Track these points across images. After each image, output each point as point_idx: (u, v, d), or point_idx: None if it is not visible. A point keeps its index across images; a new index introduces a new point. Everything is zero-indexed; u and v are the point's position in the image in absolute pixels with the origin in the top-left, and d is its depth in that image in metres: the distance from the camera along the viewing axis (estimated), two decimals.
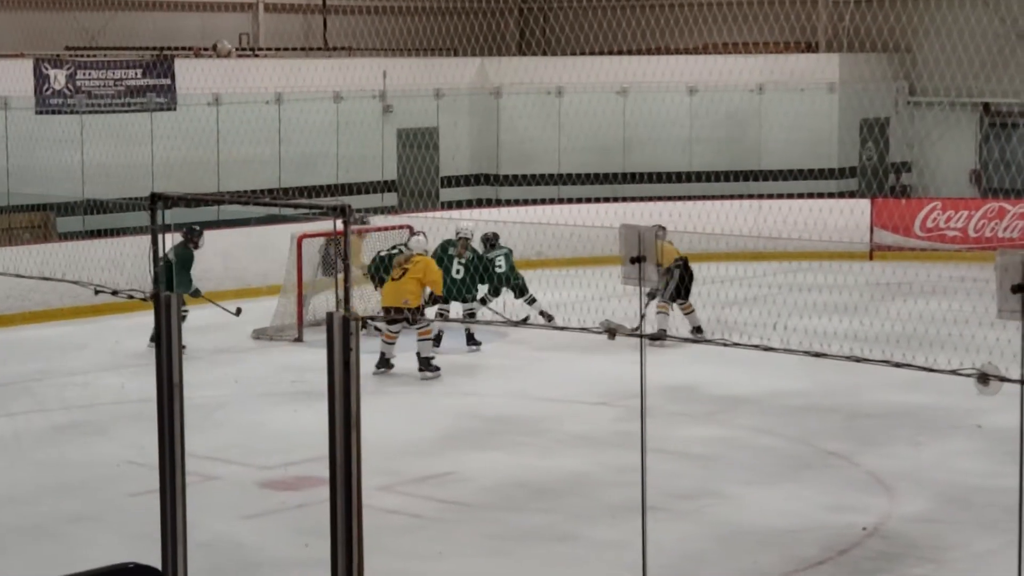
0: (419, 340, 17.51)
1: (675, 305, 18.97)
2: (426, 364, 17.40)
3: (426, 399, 16.37)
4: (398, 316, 16.91)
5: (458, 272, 19.02)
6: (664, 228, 19.53)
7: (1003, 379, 6.91)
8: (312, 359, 17.64)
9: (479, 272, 19.25)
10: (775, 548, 11.15)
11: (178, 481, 7.93)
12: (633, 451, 9.31)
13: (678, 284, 18.93)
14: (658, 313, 18.96)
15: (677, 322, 18.73)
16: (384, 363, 17.52)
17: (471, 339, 19.07)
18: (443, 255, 19.06)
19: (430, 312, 18.75)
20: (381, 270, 19.15)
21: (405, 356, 18.29)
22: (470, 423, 15.19)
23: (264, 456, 13.87)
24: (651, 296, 18.49)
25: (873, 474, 13.14)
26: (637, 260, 7.50)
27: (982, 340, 13.87)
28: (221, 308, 18.20)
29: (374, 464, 8.89)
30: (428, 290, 17.99)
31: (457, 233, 19.19)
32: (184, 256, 18.62)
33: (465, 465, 13.56)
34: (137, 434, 14.08)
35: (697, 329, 18.94)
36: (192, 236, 18.85)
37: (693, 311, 19.09)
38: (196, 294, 18.36)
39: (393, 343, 17.56)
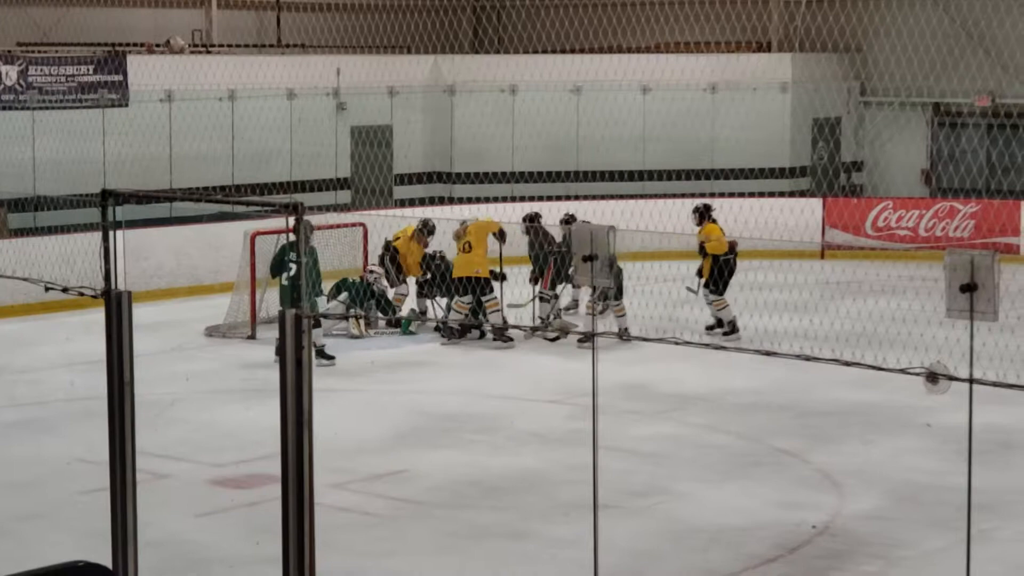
0: (491, 312, 18.72)
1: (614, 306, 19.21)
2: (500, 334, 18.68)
3: (378, 397, 16.36)
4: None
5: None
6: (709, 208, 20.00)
7: (952, 378, 6.97)
8: (265, 356, 17.67)
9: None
10: (726, 545, 11.20)
11: (129, 479, 7.91)
12: (586, 449, 9.35)
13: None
14: (720, 309, 19.17)
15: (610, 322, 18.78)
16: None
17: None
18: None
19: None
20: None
21: (358, 354, 18.30)
22: (423, 421, 15.19)
23: (216, 454, 13.83)
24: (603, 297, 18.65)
25: (823, 472, 13.22)
26: (589, 259, 7.54)
27: (931, 339, 13.97)
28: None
29: (326, 462, 8.89)
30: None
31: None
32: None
33: (418, 463, 13.56)
34: (87, 431, 14.04)
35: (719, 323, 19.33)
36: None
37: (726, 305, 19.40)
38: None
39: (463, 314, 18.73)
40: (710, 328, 19.26)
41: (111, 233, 8.06)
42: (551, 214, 20.90)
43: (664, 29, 29.60)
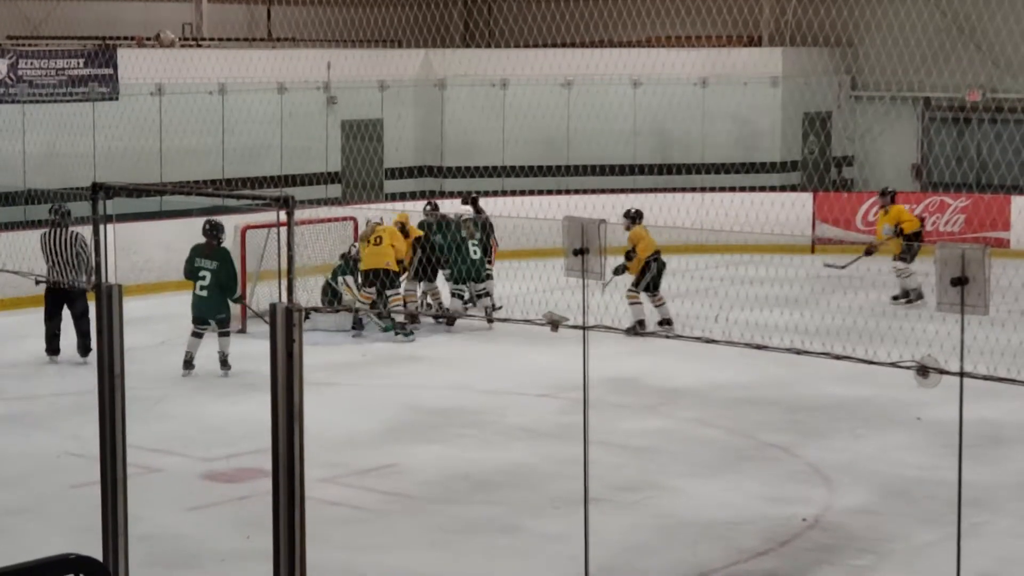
0: (393, 307, 19.08)
1: (645, 296, 19.21)
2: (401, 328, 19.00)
3: (369, 391, 16.35)
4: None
5: (475, 253, 19.80)
6: (641, 214, 19.92)
7: (942, 372, 6.98)
8: (255, 350, 17.61)
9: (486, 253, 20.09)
10: (717, 539, 11.21)
11: (119, 473, 7.90)
12: (576, 443, 9.34)
13: (654, 276, 19.16)
14: (632, 304, 19.13)
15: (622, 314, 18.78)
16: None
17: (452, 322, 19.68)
18: (458, 239, 19.74)
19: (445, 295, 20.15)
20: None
21: (349, 348, 18.30)
22: (413, 415, 15.18)
23: (206, 448, 13.82)
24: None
25: (813, 466, 13.23)
26: (580, 252, 7.53)
27: (922, 333, 13.99)
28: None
29: (316, 456, 8.88)
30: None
31: (462, 216, 19.73)
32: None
33: (408, 457, 13.55)
34: (77, 425, 14.02)
35: (666, 321, 19.07)
36: (216, 232, 17.22)
37: (664, 303, 19.27)
38: (238, 301, 17.93)
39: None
40: (662, 323, 19.27)
41: (102, 227, 8.04)
42: (542, 208, 20.86)
43: (655, 23, 29.59)
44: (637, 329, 18.71)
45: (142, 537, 9.74)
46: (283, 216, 7.45)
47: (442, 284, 20.40)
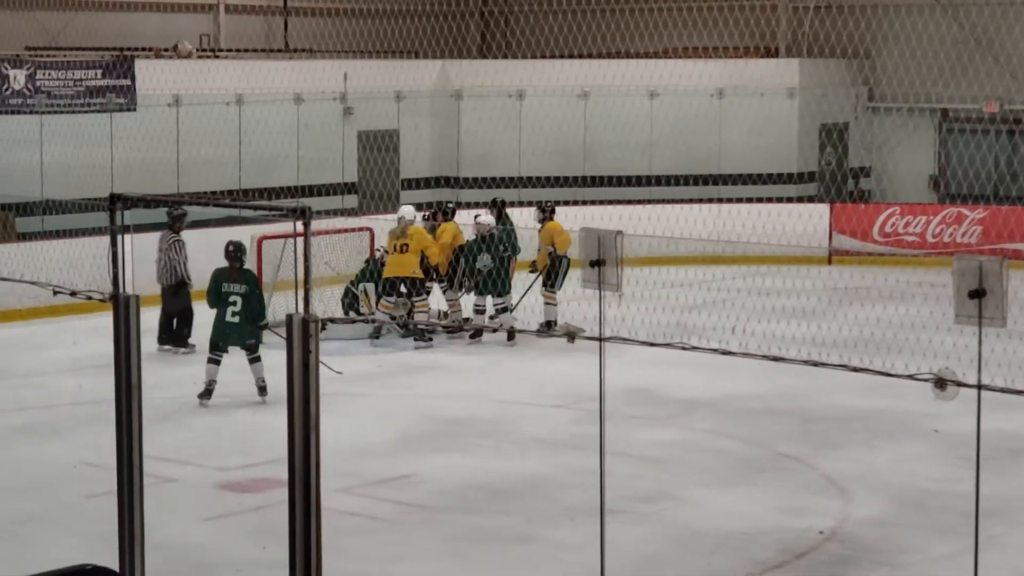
0: (420, 312, 18.99)
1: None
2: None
3: (384, 401, 16.35)
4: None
5: (493, 270, 19.40)
6: (554, 208, 19.81)
7: (960, 384, 6.96)
8: (270, 361, 17.62)
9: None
10: (732, 551, 11.20)
11: (136, 482, 7.91)
12: (591, 453, 9.34)
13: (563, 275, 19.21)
14: (547, 304, 19.19)
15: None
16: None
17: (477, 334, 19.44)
18: (476, 250, 19.45)
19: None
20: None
21: (365, 358, 18.31)
22: (428, 425, 15.18)
23: (222, 458, 13.84)
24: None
25: (829, 477, 13.21)
26: (597, 264, 7.53)
27: (939, 345, 13.97)
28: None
29: (332, 466, 8.88)
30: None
31: (485, 227, 19.38)
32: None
33: (423, 467, 13.56)
34: (94, 435, 14.04)
35: (551, 324, 19.27)
36: (240, 254, 16.63)
37: (556, 304, 19.42)
38: (264, 327, 16.64)
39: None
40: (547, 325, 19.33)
41: (119, 237, 8.06)
42: (558, 219, 20.81)
43: (672, 34, 29.62)
44: (549, 329, 18.89)
45: (157, 547, 9.74)
46: (300, 227, 7.47)
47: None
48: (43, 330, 20.08)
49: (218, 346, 16.07)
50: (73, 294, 8.53)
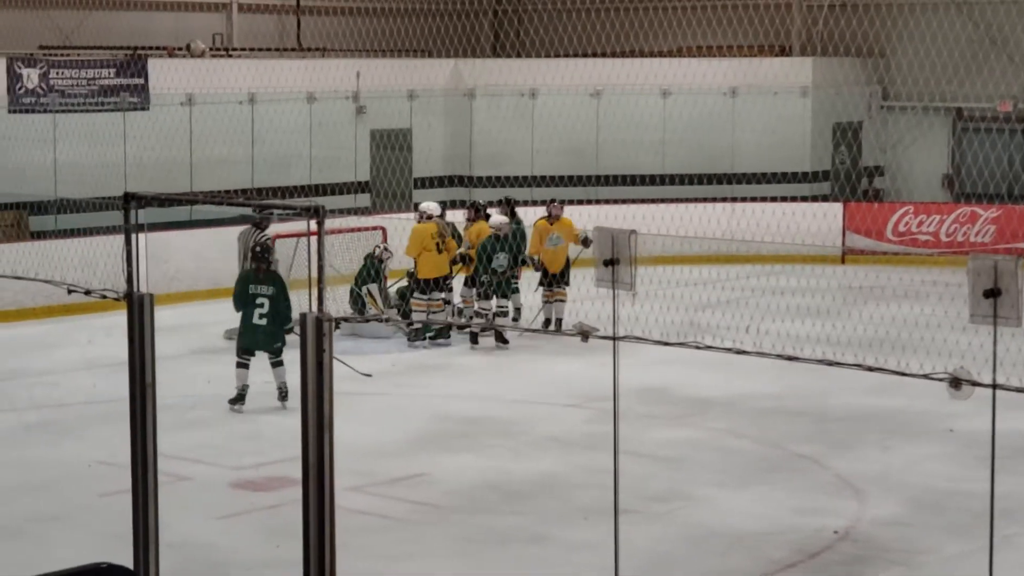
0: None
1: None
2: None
3: (397, 400, 16.35)
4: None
5: (506, 271, 19.30)
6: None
7: (975, 383, 6.95)
8: (286, 360, 17.62)
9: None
10: (745, 550, 11.18)
11: (151, 481, 7.92)
12: (604, 453, 9.33)
13: None
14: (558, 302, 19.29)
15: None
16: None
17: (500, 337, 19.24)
18: (492, 249, 19.18)
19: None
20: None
21: (379, 357, 18.31)
22: (442, 425, 15.18)
23: (236, 457, 13.85)
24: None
25: (843, 477, 13.19)
26: (611, 263, 7.52)
27: (954, 344, 13.92)
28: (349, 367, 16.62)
29: (345, 465, 8.87)
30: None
31: (494, 226, 19.23)
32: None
33: (436, 467, 13.55)
34: (108, 434, 14.04)
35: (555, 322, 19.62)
36: (268, 255, 16.40)
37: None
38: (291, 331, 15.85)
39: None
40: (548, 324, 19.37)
41: (133, 236, 8.06)
42: (571, 218, 20.79)
43: (685, 33, 29.59)
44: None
45: (171, 545, 9.74)
46: (313, 226, 7.47)
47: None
48: (57, 329, 20.11)
49: (247, 350, 15.77)
50: (88, 293, 8.54)
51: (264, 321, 15.66)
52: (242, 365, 15.72)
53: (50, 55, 25.76)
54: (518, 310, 20.06)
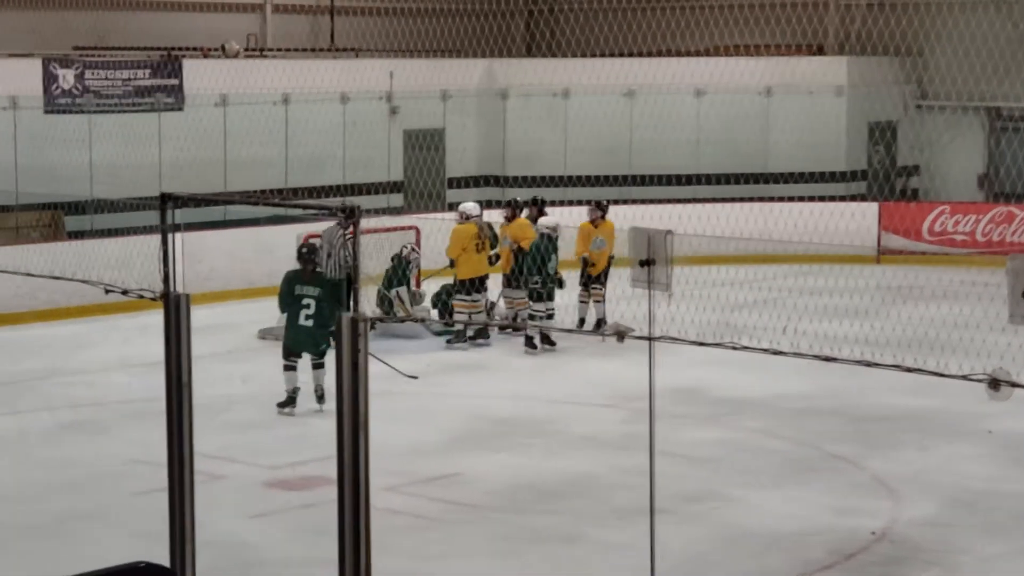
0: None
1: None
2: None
3: (432, 400, 16.34)
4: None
5: (553, 278, 19.04)
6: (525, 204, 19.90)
7: (1014, 384, 6.90)
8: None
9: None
10: (781, 551, 11.14)
11: (187, 479, 7.93)
12: (639, 453, 9.31)
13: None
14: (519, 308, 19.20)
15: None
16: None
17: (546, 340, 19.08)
18: (545, 251, 18.91)
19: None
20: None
21: (414, 357, 18.30)
22: (477, 424, 15.17)
23: (270, 456, 13.87)
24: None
25: (879, 478, 13.13)
26: (647, 263, 7.50)
27: (993, 345, 13.84)
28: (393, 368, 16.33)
29: (380, 464, 8.86)
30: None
31: (547, 227, 19.05)
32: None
33: (471, 466, 13.55)
34: (143, 432, 14.09)
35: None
36: (314, 256, 16.35)
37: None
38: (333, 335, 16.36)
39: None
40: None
41: (170, 236, 8.08)
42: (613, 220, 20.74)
43: (719, 32, 29.52)
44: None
45: (206, 543, 9.74)
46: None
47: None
48: (92, 328, 20.18)
49: (292, 352, 15.70)
50: (125, 293, 8.56)
51: (310, 323, 15.57)
52: (289, 368, 15.62)
53: (85, 56, 25.86)
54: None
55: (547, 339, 18.92)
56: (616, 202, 26.78)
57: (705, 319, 19.04)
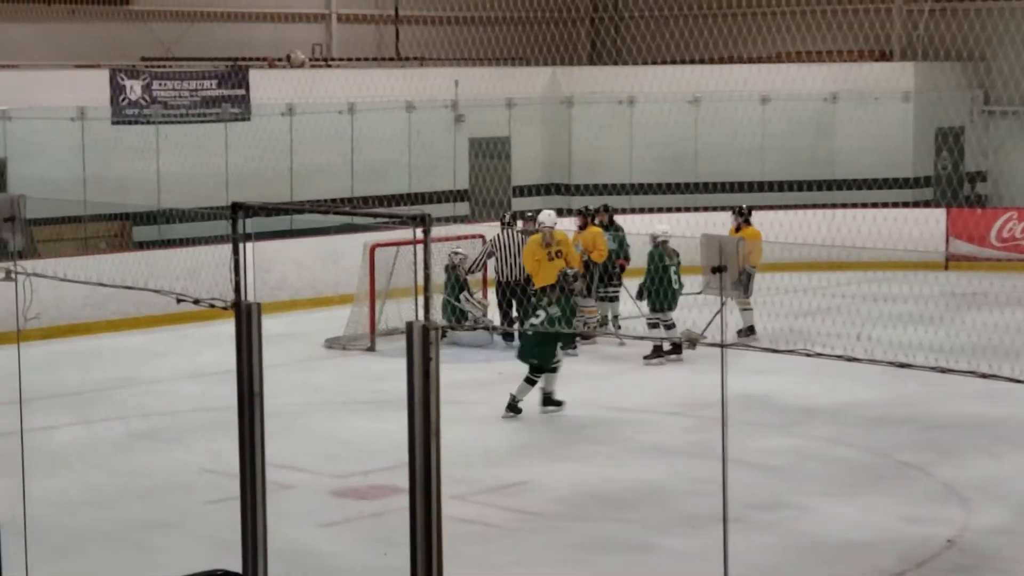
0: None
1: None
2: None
3: (501, 408, 16.33)
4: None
5: (678, 284, 18.38)
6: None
7: None
8: (384, 368, 17.74)
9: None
10: (853, 560, 11.08)
11: (259, 488, 7.97)
12: (708, 461, 9.28)
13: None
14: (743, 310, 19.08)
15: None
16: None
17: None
18: (659, 261, 18.50)
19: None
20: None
21: (483, 365, 18.33)
22: (544, 432, 15.17)
23: (339, 465, 13.91)
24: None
25: (949, 486, 13.02)
26: (718, 270, 7.49)
27: None
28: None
29: (447, 473, 8.88)
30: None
31: (657, 237, 18.68)
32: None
33: (539, 475, 13.54)
34: (215, 442, 14.19)
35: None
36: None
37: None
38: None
39: None
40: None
41: (241, 245, 8.13)
42: (670, 226, 20.70)
43: (784, 38, 29.40)
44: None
45: (277, 552, 9.79)
46: (419, 234, 7.48)
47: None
48: (163, 338, 20.32)
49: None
50: (196, 302, 8.62)
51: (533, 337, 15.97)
52: (530, 381, 15.91)
53: (152, 67, 26.07)
54: (616, 318, 20.00)
55: (677, 348, 18.30)
56: (681, 209, 26.80)
57: (774, 326, 19.03)
